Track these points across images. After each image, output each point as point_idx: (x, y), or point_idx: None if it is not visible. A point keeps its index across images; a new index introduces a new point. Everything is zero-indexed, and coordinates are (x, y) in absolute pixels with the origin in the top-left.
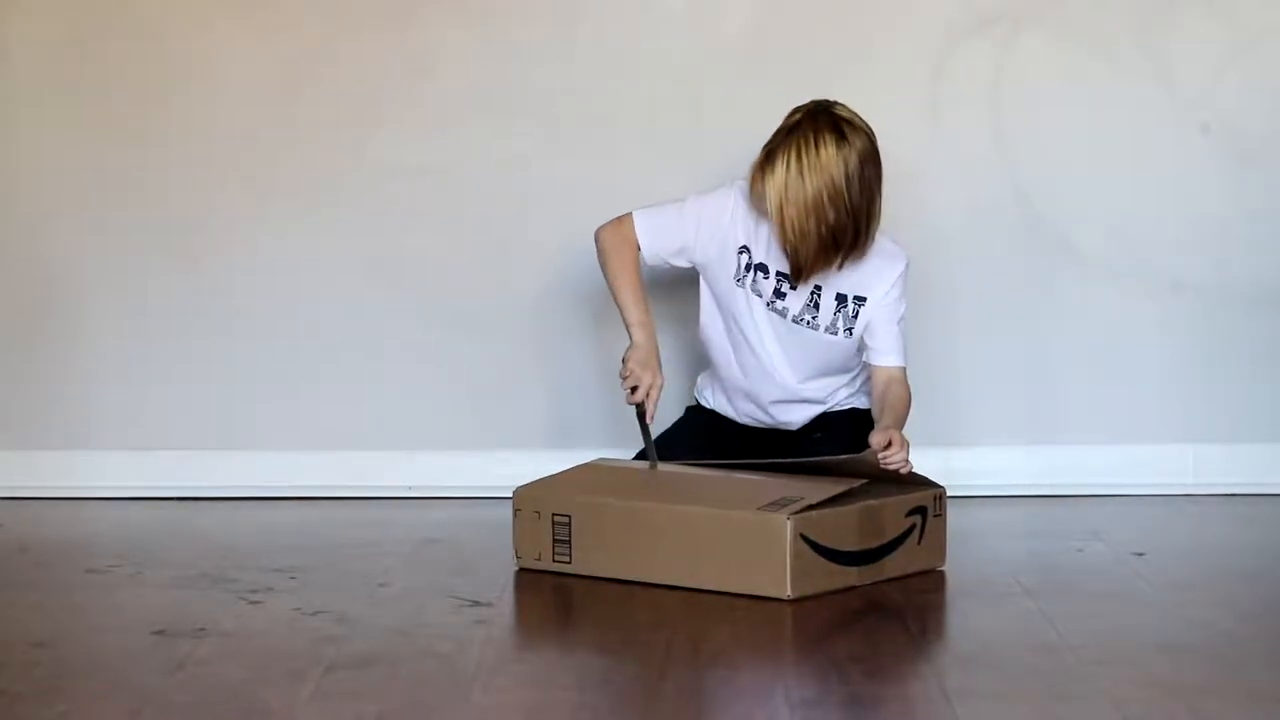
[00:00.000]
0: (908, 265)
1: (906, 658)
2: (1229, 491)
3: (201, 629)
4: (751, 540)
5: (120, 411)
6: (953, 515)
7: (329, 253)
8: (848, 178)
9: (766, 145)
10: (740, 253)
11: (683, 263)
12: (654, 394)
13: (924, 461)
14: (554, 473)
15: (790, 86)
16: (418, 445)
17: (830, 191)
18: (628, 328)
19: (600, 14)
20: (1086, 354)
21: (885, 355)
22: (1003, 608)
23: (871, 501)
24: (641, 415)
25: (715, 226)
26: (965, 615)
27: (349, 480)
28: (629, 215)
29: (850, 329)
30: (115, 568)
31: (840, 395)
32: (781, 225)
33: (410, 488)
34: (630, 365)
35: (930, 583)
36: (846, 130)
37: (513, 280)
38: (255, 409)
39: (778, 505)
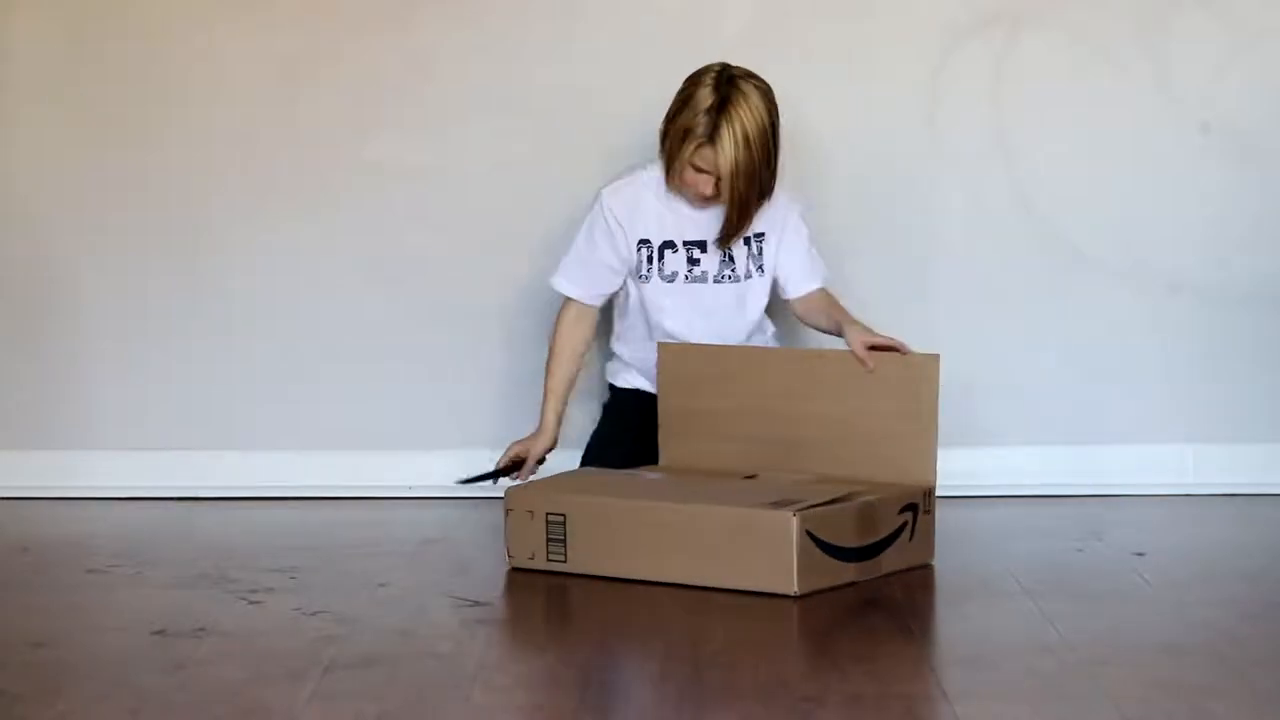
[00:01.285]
0: (803, 206)
1: (906, 658)
2: (1229, 491)
3: (201, 629)
4: (757, 537)
5: (120, 411)
6: (953, 515)
7: (329, 253)
8: (773, 136)
9: (683, 124)
10: (640, 247)
11: (621, 280)
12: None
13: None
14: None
15: (790, 86)
16: (417, 445)
17: (763, 155)
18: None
19: (600, 14)
20: (1086, 354)
21: (805, 282)
22: (1003, 608)
23: (869, 498)
24: (502, 473)
25: (611, 239)
26: (965, 615)
27: (349, 480)
28: (559, 292)
29: (761, 266)
30: (115, 568)
31: None
32: (732, 199)
33: (410, 488)
34: (517, 449)
35: (930, 582)
36: (758, 91)
37: (512, 280)
38: (255, 409)
39: (781, 504)
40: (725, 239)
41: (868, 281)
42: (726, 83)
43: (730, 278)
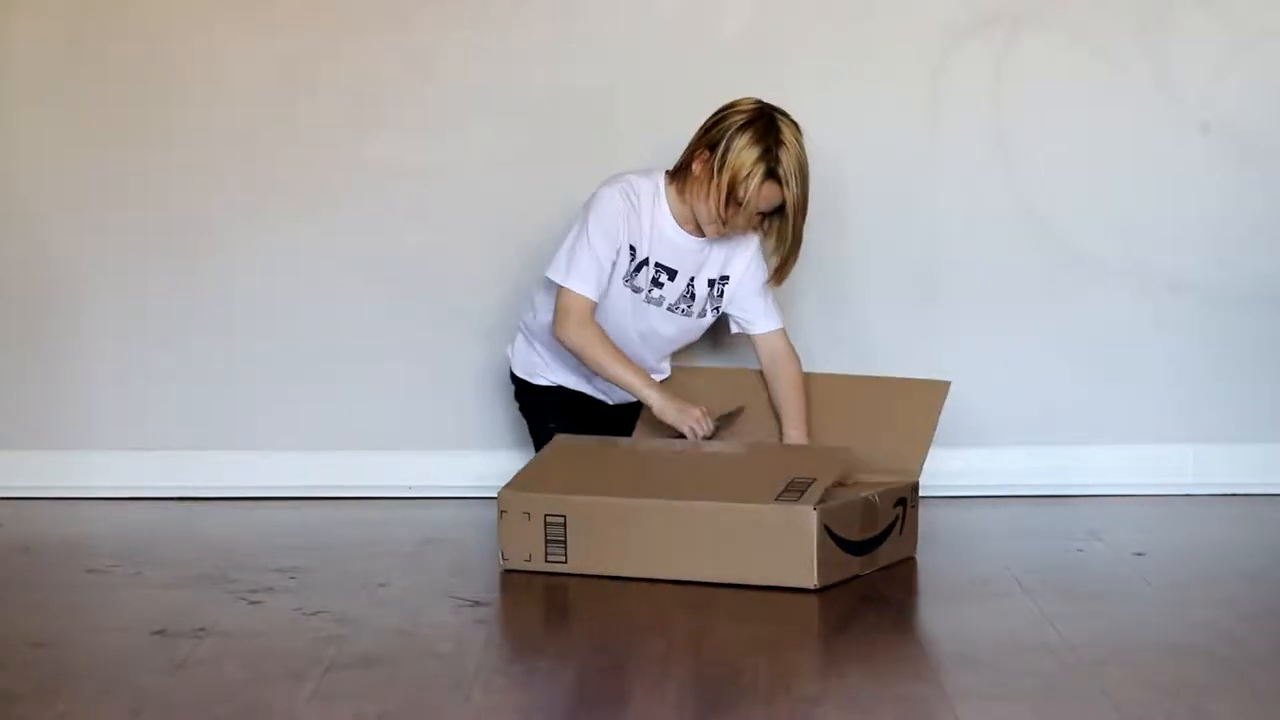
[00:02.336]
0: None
1: (906, 658)
2: (1229, 491)
3: (201, 629)
4: (776, 532)
5: (120, 411)
6: (953, 515)
7: (329, 253)
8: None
9: (742, 164)
10: (630, 251)
11: None
12: (705, 421)
13: (926, 461)
14: (526, 464)
15: (790, 86)
16: (418, 445)
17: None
18: (641, 396)
19: (600, 14)
20: (1086, 354)
21: (765, 321)
22: (1002, 608)
23: (869, 494)
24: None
25: (616, 237)
26: (965, 615)
27: (349, 480)
28: (566, 293)
29: (717, 308)
30: (115, 568)
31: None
32: (794, 237)
33: (410, 488)
34: (684, 422)
35: (930, 582)
36: (796, 127)
37: (512, 280)
38: (255, 409)
39: (793, 493)
40: (780, 276)
41: (867, 282)
42: (774, 118)
43: (684, 311)
